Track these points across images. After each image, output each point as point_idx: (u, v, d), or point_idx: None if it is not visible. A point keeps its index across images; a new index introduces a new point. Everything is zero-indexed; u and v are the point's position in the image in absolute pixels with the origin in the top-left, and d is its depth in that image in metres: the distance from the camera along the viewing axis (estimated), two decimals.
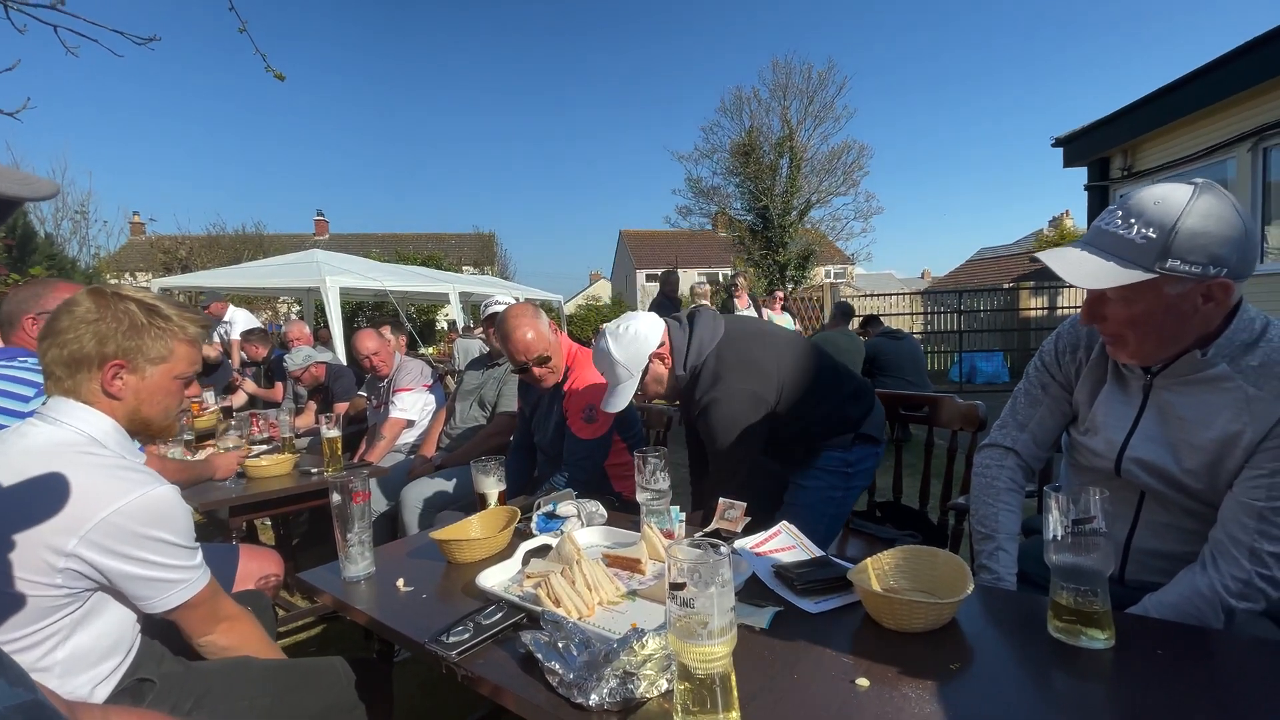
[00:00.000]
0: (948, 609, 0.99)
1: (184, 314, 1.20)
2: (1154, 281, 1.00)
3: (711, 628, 0.74)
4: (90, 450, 1.07)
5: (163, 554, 1.06)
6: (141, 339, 1.14)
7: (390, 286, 8.37)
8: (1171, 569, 1.13)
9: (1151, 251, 0.99)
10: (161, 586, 1.08)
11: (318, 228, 28.78)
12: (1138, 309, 1.05)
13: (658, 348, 1.80)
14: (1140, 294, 1.03)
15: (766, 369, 1.78)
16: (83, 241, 13.42)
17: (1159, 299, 1.02)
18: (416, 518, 2.62)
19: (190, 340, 1.21)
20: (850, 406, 1.87)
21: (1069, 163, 8.56)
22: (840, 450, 1.86)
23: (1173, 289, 1.01)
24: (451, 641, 1.02)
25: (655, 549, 1.32)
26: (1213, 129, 6.35)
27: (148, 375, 1.16)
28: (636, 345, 1.78)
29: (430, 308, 15.94)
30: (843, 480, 1.87)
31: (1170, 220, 0.98)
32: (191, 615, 1.13)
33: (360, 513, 1.36)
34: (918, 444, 4.46)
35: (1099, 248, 1.05)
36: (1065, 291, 11.57)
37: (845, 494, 1.88)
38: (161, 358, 1.17)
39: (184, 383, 1.24)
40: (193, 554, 1.13)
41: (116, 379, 1.12)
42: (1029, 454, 1.36)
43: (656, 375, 1.83)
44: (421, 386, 3.47)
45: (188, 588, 1.11)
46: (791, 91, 19.82)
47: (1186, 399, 1.10)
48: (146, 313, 1.15)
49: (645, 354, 1.78)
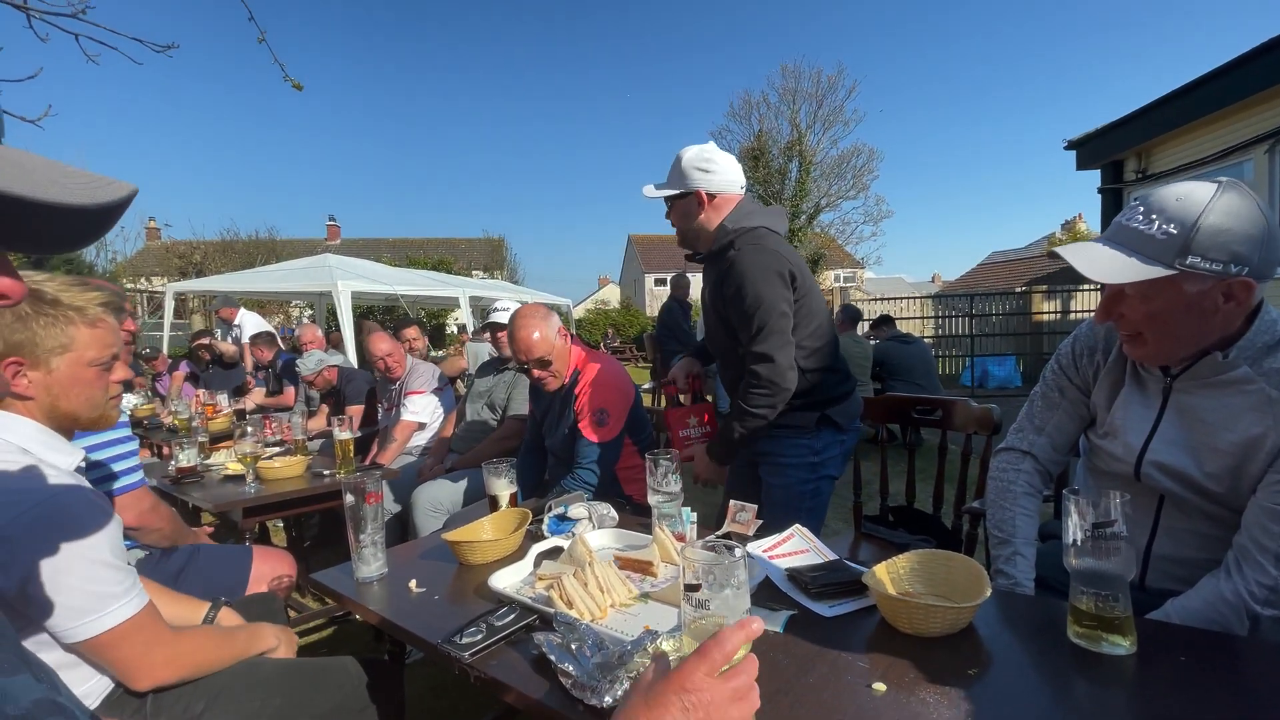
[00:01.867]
0: (965, 613, 0.98)
1: (80, 295, 1.10)
2: (1173, 278, 0.98)
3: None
4: (5, 455, 0.99)
5: (72, 573, 0.92)
6: (30, 330, 1.05)
7: (401, 291, 8.43)
8: (1191, 576, 1.11)
9: (1172, 248, 0.97)
10: (72, 614, 0.93)
11: (330, 232, 29.08)
12: (1156, 306, 1.03)
13: (718, 187, 1.79)
14: (1159, 291, 1.01)
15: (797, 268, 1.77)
16: (100, 247, 13.63)
17: (1178, 296, 1.01)
18: (427, 519, 2.63)
19: (91, 322, 1.11)
20: (831, 380, 1.83)
21: (1082, 165, 8.48)
22: (807, 437, 1.83)
23: (1192, 286, 0.99)
24: (464, 642, 1.02)
25: (667, 551, 1.31)
26: (1229, 131, 6.27)
27: (54, 367, 1.08)
28: (702, 168, 1.78)
29: (440, 311, 16.04)
30: (811, 472, 1.84)
31: (1192, 217, 0.96)
32: (114, 652, 0.98)
33: (373, 514, 1.37)
34: (930, 448, 4.42)
35: (1119, 243, 1.03)
36: (1079, 295, 11.45)
37: (816, 484, 1.86)
38: (63, 346, 1.08)
39: (103, 368, 1.15)
40: (115, 575, 0.97)
41: (19, 377, 1.05)
42: (1046, 458, 1.34)
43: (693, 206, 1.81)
44: (433, 389, 3.49)
45: (104, 616, 0.95)
46: (800, 96, 19.88)
47: (1207, 402, 1.08)
48: (31, 301, 1.05)
49: (702, 181, 1.77)
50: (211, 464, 2.76)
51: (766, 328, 1.68)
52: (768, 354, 1.68)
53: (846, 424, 1.87)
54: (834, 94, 19.74)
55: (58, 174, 0.45)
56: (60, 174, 0.45)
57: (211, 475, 2.61)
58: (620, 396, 2.15)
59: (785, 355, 1.69)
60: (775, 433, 1.82)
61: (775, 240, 1.77)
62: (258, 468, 2.48)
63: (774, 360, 1.68)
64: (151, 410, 4.54)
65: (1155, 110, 6.93)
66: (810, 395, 1.80)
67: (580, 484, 2.03)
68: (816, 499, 1.87)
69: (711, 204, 1.80)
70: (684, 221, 1.86)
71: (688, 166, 1.79)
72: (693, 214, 1.82)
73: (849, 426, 1.89)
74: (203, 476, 2.59)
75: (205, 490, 2.43)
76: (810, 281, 1.80)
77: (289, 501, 2.42)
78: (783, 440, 1.85)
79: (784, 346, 1.69)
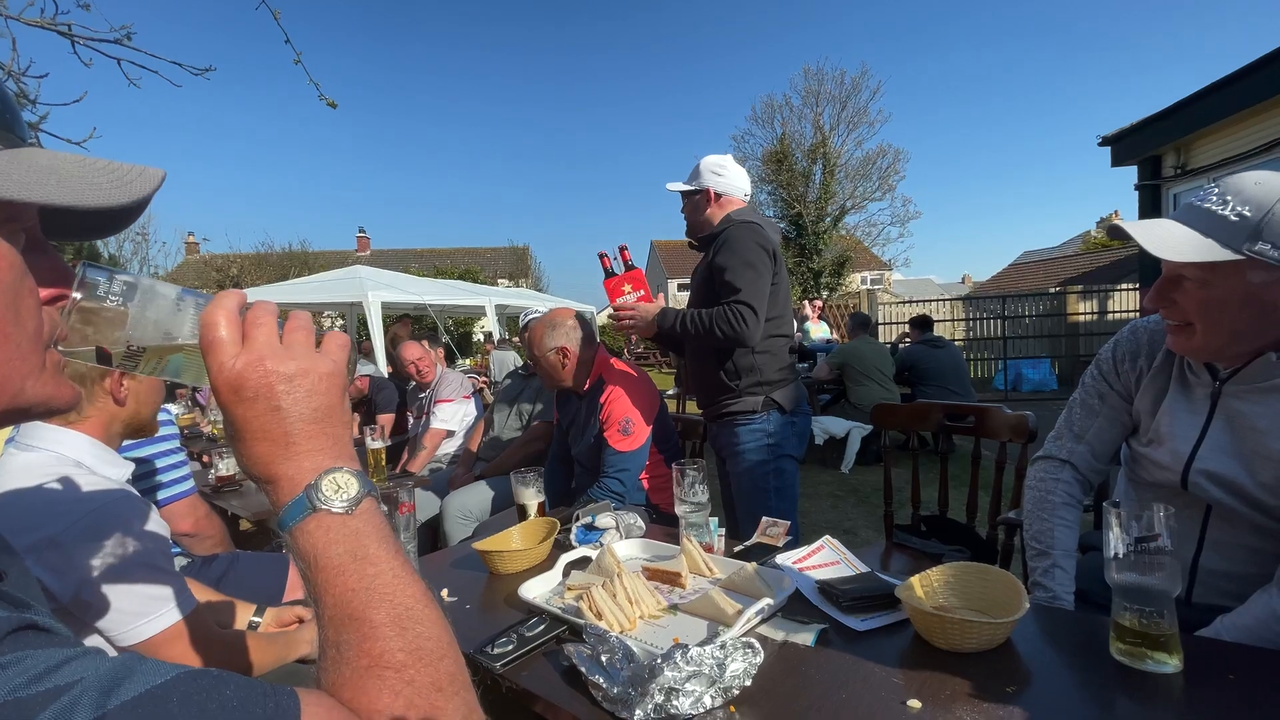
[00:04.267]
0: (1003, 629, 0.96)
1: None
2: (1238, 264, 0.95)
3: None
4: (60, 470, 1.05)
5: (125, 578, 0.97)
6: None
7: (429, 300, 8.58)
8: (1240, 591, 1.06)
9: (1243, 231, 0.94)
10: (126, 617, 0.97)
11: (360, 244, 29.72)
12: (1214, 293, 0.99)
13: (723, 189, 2.12)
14: (1221, 276, 0.98)
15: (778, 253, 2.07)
16: (143, 262, 14.14)
17: (1239, 285, 0.97)
18: (456, 526, 2.67)
19: None
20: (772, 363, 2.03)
21: (1117, 162, 8.25)
22: (759, 420, 2.02)
23: (1256, 276, 0.96)
24: (496, 653, 1.03)
25: (695, 563, 1.31)
26: (1273, 123, 6.04)
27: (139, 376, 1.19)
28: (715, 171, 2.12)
29: (467, 320, 16.26)
30: (769, 453, 2.02)
31: (1269, 202, 0.93)
32: (166, 654, 1.00)
33: (405, 524, 1.39)
34: (963, 455, 4.34)
35: (1187, 223, 1.00)
36: (1115, 295, 11.12)
37: (777, 463, 2.02)
38: None
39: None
40: (164, 580, 1.01)
41: (121, 384, 1.15)
42: (1086, 466, 1.31)
43: (703, 202, 2.13)
44: (462, 397, 3.54)
45: (155, 620, 0.99)
46: (824, 98, 19.75)
47: (1260, 408, 1.04)
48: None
49: (712, 182, 2.11)
50: None
51: (751, 288, 1.91)
52: (750, 304, 1.89)
53: (792, 408, 2.06)
54: (858, 95, 19.58)
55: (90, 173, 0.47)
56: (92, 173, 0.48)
57: (249, 484, 2.69)
58: (645, 405, 2.16)
59: (760, 314, 1.92)
60: (728, 420, 2.06)
61: (764, 230, 2.04)
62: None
63: (754, 313, 1.89)
64: (192, 420, 4.68)
65: (1195, 104, 6.71)
66: (753, 375, 2.01)
67: (607, 493, 2.04)
68: (781, 478, 2.03)
69: (718, 202, 2.13)
70: (694, 214, 2.18)
71: (704, 169, 2.14)
72: (701, 208, 2.15)
73: (796, 410, 2.08)
74: (241, 485, 2.66)
75: (244, 499, 2.50)
76: (784, 273, 2.09)
77: None
78: (736, 428, 2.05)
79: (761, 309, 1.92)
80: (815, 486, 4.85)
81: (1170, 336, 1.10)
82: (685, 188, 2.16)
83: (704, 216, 2.14)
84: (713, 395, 2.11)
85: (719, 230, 2.05)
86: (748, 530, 1.56)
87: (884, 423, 2.19)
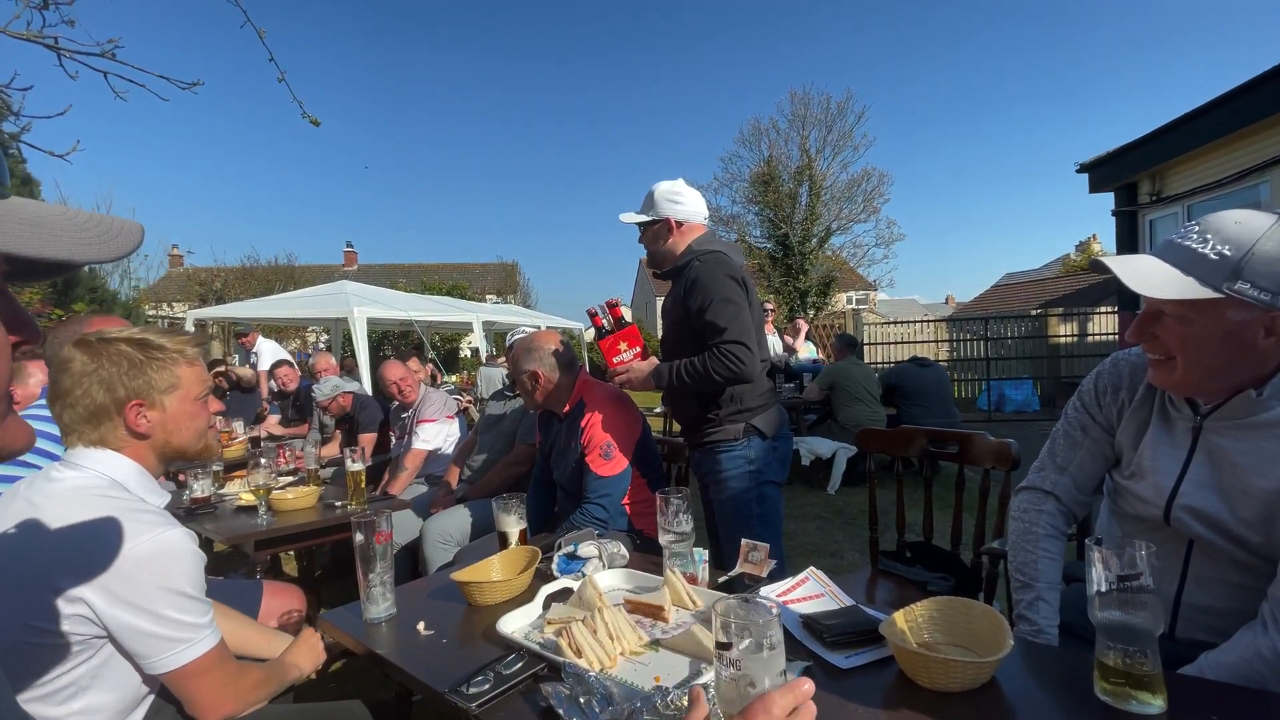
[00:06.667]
0: (987, 668, 0.95)
1: (175, 339, 1.20)
2: (1218, 303, 0.96)
3: (759, 691, 0.71)
4: (108, 493, 1.07)
5: (168, 605, 1.01)
6: (146, 374, 1.14)
7: (415, 316, 8.52)
8: (1223, 626, 1.06)
9: (1223, 270, 0.95)
10: (162, 644, 1.01)
11: (347, 259, 29.53)
12: (1194, 330, 1.00)
13: (684, 216, 2.06)
14: (1200, 314, 0.99)
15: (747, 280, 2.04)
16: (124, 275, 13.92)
17: (1218, 323, 0.98)
18: (437, 551, 2.61)
19: (190, 361, 1.21)
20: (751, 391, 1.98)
21: (1095, 188, 8.46)
22: (740, 447, 1.98)
23: (1235, 314, 0.97)
24: (472, 693, 1.00)
25: (679, 595, 1.29)
26: (1245, 152, 6.22)
27: (167, 406, 1.17)
28: (672, 199, 2.06)
29: (454, 336, 16.17)
30: (751, 480, 1.98)
31: (1248, 241, 0.95)
32: (195, 683, 1.06)
33: (383, 553, 1.36)
34: (948, 476, 4.34)
35: (1168, 260, 1.01)
36: (1095, 318, 11.31)
37: (760, 490, 1.98)
38: (172, 386, 1.17)
39: (203, 401, 1.24)
40: (201, 609, 1.06)
41: (140, 418, 1.13)
42: (1069, 498, 1.31)
43: (664, 231, 2.08)
44: (445, 417, 3.50)
45: (190, 648, 1.04)
46: (810, 121, 19.98)
47: (1240, 444, 1.05)
48: (139, 348, 1.14)
49: (671, 210, 2.05)
50: (225, 494, 2.77)
51: (736, 324, 1.88)
52: (742, 341, 1.86)
53: (773, 433, 2.02)
54: (843, 119, 19.85)
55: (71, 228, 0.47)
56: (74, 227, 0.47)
57: (225, 506, 2.62)
58: (627, 428, 2.14)
59: (753, 347, 1.89)
60: (709, 448, 2.02)
61: (731, 258, 2.02)
62: (270, 499, 2.48)
63: (749, 349, 1.87)
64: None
65: (1169, 133, 6.91)
66: (733, 404, 1.98)
67: (589, 519, 2.01)
68: (764, 505, 1.99)
69: (679, 230, 2.08)
70: (655, 244, 2.12)
71: (660, 197, 2.07)
72: (663, 237, 2.09)
73: (778, 435, 2.04)
74: (216, 508, 2.60)
75: (218, 522, 2.43)
76: (754, 296, 2.04)
77: (301, 534, 2.41)
78: (718, 455, 2.00)
79: (752, 342, 1.89)
80: (801, 508, 4.83)
81: (1151, 370, 1.11)
82: (642, 218, 2.10)
83: (666, 246, 2.09)
84: (694, 424, 2.08)
85: (684, 263, 2.02)
86: (731, 558, 1.54)
87: (869, 446, 2.19)
